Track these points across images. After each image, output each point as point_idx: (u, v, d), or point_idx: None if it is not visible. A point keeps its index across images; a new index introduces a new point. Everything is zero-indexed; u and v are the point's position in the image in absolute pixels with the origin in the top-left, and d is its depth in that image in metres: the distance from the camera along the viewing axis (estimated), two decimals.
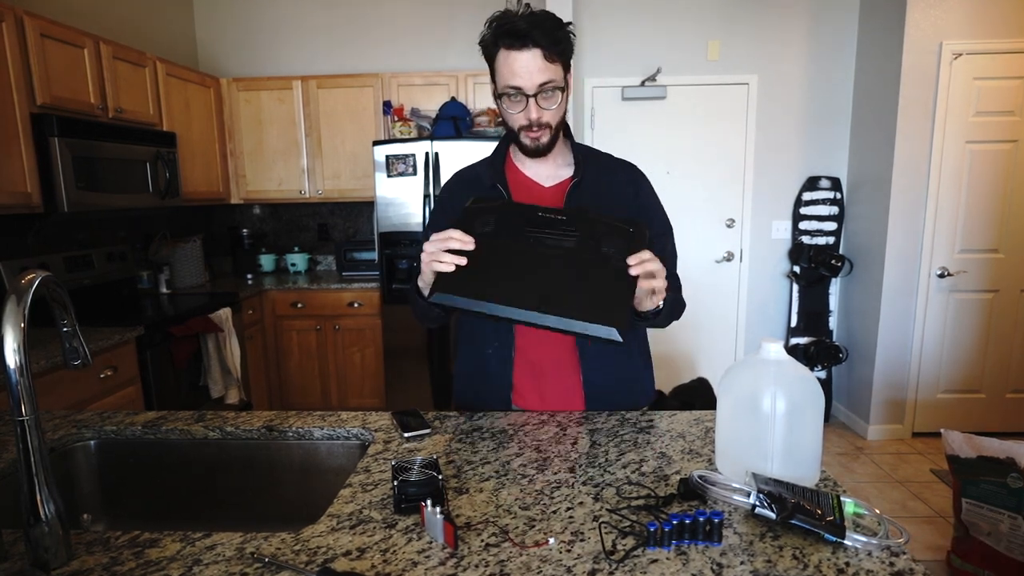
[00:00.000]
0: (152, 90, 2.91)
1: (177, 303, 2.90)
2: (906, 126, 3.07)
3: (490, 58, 1.18)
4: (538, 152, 1.22)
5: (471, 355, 1.34)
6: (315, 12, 3.75)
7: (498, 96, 1.19)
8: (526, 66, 1.12)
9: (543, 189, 1.29)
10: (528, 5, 1.15)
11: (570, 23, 1.17)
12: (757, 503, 0.82)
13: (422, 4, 3.71)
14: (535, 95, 1.14)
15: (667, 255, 1.26)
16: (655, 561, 0.76)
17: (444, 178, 2.84)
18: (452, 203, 1.30)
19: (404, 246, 3.19)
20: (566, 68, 1.17)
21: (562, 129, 1.25)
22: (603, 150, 1.38)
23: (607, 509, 0.88)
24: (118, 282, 2.95)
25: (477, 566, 0.75)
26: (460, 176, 1.37)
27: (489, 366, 1.31)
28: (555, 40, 1.12)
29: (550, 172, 1.29)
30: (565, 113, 1.23)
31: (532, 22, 1.10)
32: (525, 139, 1.21)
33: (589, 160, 1.30)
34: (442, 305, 1.01)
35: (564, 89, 1.17)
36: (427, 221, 1.45)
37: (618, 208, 1.26)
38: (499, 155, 1.32)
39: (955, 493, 2.02)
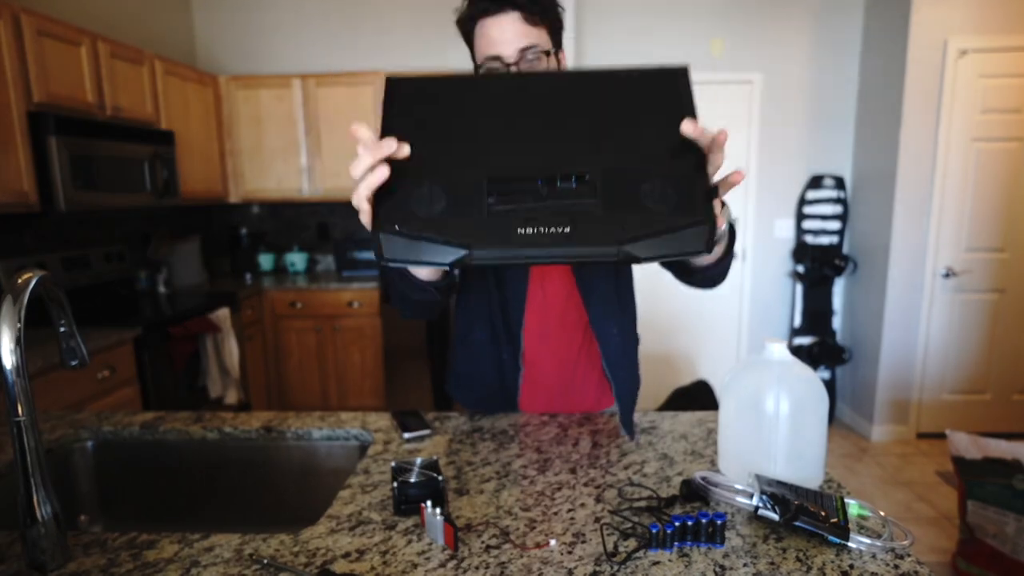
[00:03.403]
0: (150, 88, 2.90)
1: (175, 303, 2.89)
2: (911, 124, 3.06)
3: (468, 36, 1.06)
4: None
5: (472, 355, 1.25)
6: (314, 10, 3.74)
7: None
8: (504, 31, 0.99)
9: None
10: None
11: None
12: (760, 505, 0.82)
13: (422, 2, 3.70)
14: (517, 63, 1.01)
15: None
16: (657, 563, 0.75)
17: None
18: None
19: None
20: (554, 39, 1.06)
21: None
22: None
23: (609, 510, 0.88)
24: (116, 282, 2.94)
25: (478, 568, 0.74)
26: None
27: (497, 374, 1.22)
28: (534, 0, 1.01)
29: None
30: None
31: None
32: None
33: None
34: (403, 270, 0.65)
35: (551, 55, 1.04)
36: None
37: None
38: None
39: (960, 495, 2.01)
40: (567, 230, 0.59)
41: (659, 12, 3.50)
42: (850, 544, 0.77)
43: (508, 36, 1.00)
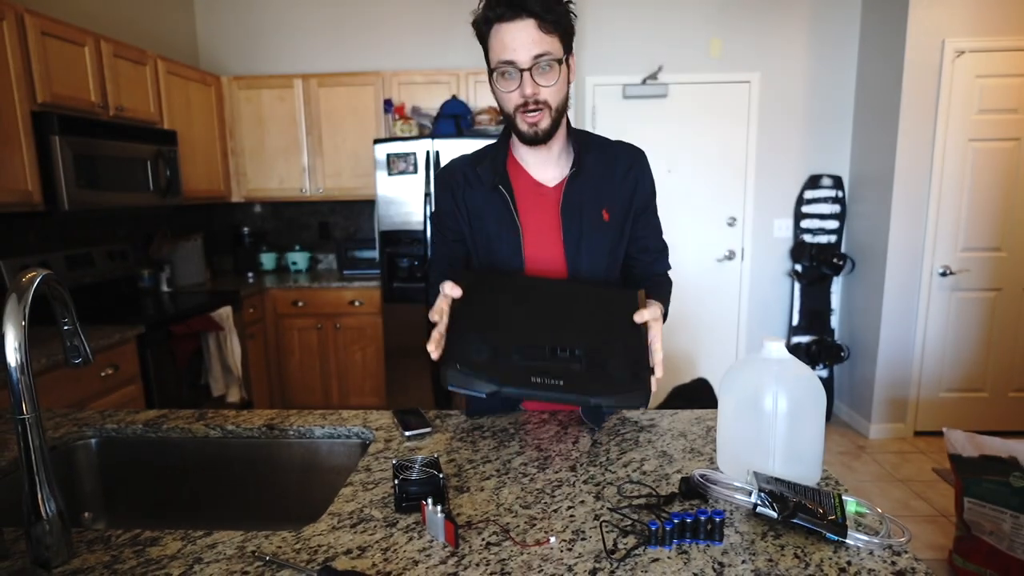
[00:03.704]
0: (153, 88, 2.91)
1: (178, 301, 2.90)
2: (908, 124, 3.06)
3: (483, 38, 1.09)
4: (536, 139, 1.12)
5: None
6: (316, 10, 3.74)
7: (492, 78, 1.10)
8: (518, 37, 1.03)
9: (548, 188, 1.21)
10: None
11: (570, 0, 1.08)
12: (759, 502, 0.82)
13: (423, 2, 3.70)
14: (529, 69, 1.05)
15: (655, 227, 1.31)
16: (656, 560, 0.76)
17: None
18: (449, 203, 1.25)
19: (405, 244, 3.19)
20: (566, 45, 1.08)
21: (564, 118, 1.16)
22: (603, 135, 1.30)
23: (608, 508, 0.88)
24: (119, 280, 2.95)
25: (478, 565, 0.75)
26: (452, 172, 1.26)
27: None
28: (549, 7, 1.03)
29: (553, 171, 1.21)
30: (567, 100, 1.14)
31: None
32: (522, 123, 1.11)
33: (590, 148, 1.21)
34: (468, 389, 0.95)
35: (562, 63, 1.08)
36: (430, 226, 1.41)
37: (618, 198, 1.21)
38: (501, 153, 1.22)
39: (957, 492, 2.01)
40: (560, 383, 0.93)
41: (658, 12, 3.50)
42: (848, 541, 0.78)
43: (522, 43, 1.04)
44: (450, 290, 0.98)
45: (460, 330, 0.97)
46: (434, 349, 0.96)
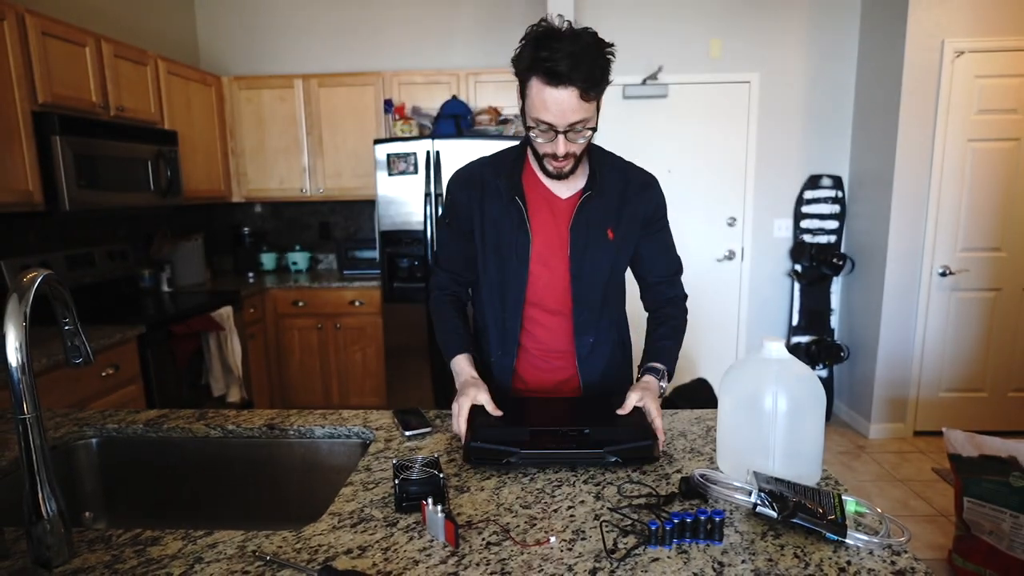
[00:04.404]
0: (153, 88, 2.91)
1: (178, 301, 2.90)
2: (908, 124, 3.06)
3: (522, 79, 1.12)
4: (560, 178, 1.21)
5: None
6: (317, 11, 3.74)
7: (523, 114, 1.14)
8: (559, 105, 1.06)
9: (561, 201, 1.27)
10: (570, 24, 1.09)
11: (611, 45, 1.10)
12: (758, 502, 0.82)
13: (424, 3, 3.70)
14: (565, 132, 1.10)
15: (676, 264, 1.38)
16: (656, 560, 0.76)
17: (445, 177, 2.84)
18: (469, 202, 1.29)
19: (405, 245, 3.19)
20: (600, 96, 1.12)
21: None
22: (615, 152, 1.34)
23: (608, 508, 0.89)
24: (119, 280, 2.95)
25: (478, 564, 0.75)
26: (475, 176, 1.30)
27: (491, 372, 1.33)
28: (594, 81, 1.06)
29: (568, 185, 1.27)
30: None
31: (574, 62, 1.03)
32: (549, 165, 1.18)
33: (604, 171, 1.27)
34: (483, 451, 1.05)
35: (595, 128, 1.13)
36: (439, 231, 1.45)
37: (623, 220, 1.27)
38: (518, 165, 1.27)
39: (957, 492, 2.01)
40: (574, 446, 1.02)
41: (658, 13, 3.50)
42: (847, 541, 0.78)
43: (562, 110, 1.07)
44: (492, 410, 1.11)
45: (481, 422, 1.08)
46: (464, 432, 1.08)
